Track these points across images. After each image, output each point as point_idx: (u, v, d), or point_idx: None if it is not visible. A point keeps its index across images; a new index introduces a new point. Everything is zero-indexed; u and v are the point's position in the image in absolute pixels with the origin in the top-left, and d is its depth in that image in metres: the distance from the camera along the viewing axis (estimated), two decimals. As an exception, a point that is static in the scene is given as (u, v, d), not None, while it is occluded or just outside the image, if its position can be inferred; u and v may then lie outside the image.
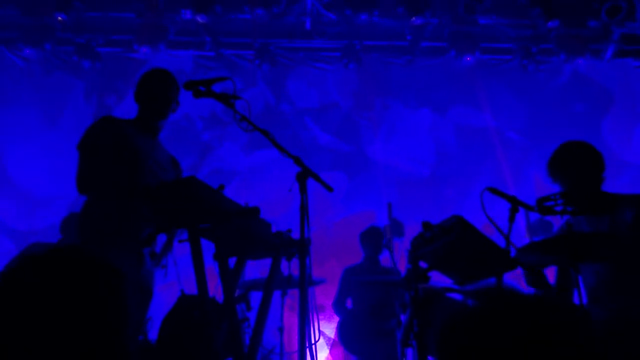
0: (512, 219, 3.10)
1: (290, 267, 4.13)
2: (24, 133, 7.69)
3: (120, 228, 3.33)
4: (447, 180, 7.93)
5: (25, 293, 1.33)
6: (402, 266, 5.77)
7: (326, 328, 7.14)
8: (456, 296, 3.76)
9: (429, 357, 3.04)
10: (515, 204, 3.14)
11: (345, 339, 6.01)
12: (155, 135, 3.71)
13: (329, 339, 7.22)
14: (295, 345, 3.34)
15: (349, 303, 6.23)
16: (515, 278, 5.23)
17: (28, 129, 7.71)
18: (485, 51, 7.60)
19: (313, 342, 3.26)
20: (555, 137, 3.78)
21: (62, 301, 1.33)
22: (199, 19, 6.94)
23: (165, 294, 6.08)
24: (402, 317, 4.10)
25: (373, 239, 6.15)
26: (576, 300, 3.10)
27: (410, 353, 3.35)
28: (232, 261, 3.60)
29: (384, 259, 6.15)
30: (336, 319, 7.17)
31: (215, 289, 3.41)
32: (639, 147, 8.02)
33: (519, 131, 8.14)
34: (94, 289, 1.38)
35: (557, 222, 4.14)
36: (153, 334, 4.04)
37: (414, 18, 6.96)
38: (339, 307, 6.22)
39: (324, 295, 6.88)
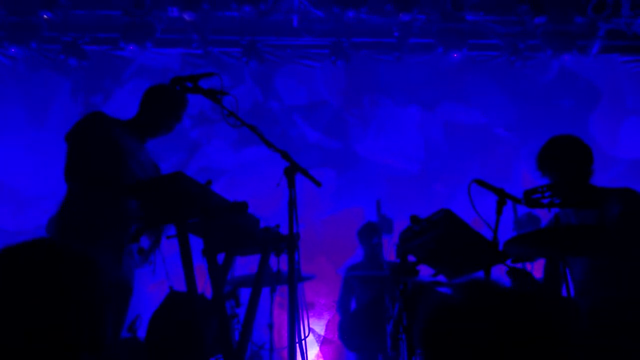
0: (499, 211, 3.11)
1: (279, 263, 4.13)
2: (11, 132, 7.63)
3: (100, 223, 3.32)
4: (436, 177, 7.94)
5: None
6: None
7: (316, 325, 7.14)
8: (444, 290, 3.77)
9: (417, 350, 3.05)
10: (502, 196, 3.15)
11: (345, 336, 6.02)
12: (143, 141, 3.72)
13: (319, 336, 7.22)
14: (285, 342, 3.34)
15: (352, 304, 6.24)
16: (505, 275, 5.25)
17: (14, 128, 7.65)
18: (473, 47, 7.62)
19: (303, 337, 3.26)
20: (544, 132, 3.79)
21: (34, 292, 1.32)
22: (186, 17, 6.91)
23: (155, 292, 6.06)
24: (391, 311, 4.11)
25: (369, 235, 6.16)
26: (564, 292, 3.11)
27: (402, 347, 3.36)
28: (221, 257, 3.59)
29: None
30: (326, 316, 7.18)
31: (204, 285, 3.40)
32: (626, 142, 8.06)
33: (507, 127, 8.16)
34: (66, 279, 1.37)
35: (545, 217, 4.16)
36: (142, 332, 4.03)
37: (401, 14, 6.97)
38: (342, 307, 6.23)
39: (314, 292, 6.89)
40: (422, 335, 1.40)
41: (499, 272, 4.60)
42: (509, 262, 3.27)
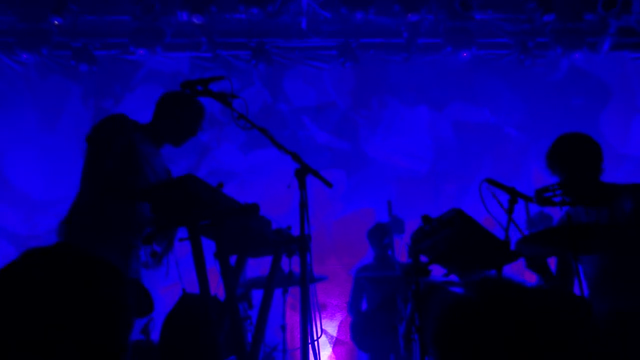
0: (511, 210, 3.11)
1: (290, 265, 4.15)
2: (22, 137, 7.69)
3: (111, 226, 3.34)
4: (446, 177, 7.92)
5: (27, 286, 1.33)
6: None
7: (328, 326, 7.15)
8: (456, 289, 3.76)
9: (430, 350, 3.04)
10: (514, 195, 3.14)
11: (357, 337, 6.03)
12: (159, 147, 3.76)
13: (331, 337, 7.22)
14: (297, 343, 3.34)
15: (363, 304, 6.26)
16: (518, 272, 5.24)
17: (26, 133, 7.71)
18: (482, 46, 7.60)
19: (315, 338, 3.26)
20: (554, 131, 3.77)
21: (65, 297, 1.33)
22: (195, 20, 6.93)
23: (167, 294, 6.09)
24: (404, 312, 4.10)
25: (379, 236, 6.17)
26: (577, 291, 3.10)
27: (415, 347, 3.36)
28: (233, 259, 3.61)
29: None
30: (338, 317, 7.18)
31: (216, 287, 3.41)
32: (637, 140, 8.02)
33: (517, 126, 8.13)
34: (99, 287, 1.38)
35: (557, 215, 4.14)
36: (155, 334, 4.05)
37: (409, 15, 6.95)
38: (353, 308, 6.24)
39: (326, 293, 6.89)
40: (433, 333, 1.40)
41: (511, 271, 4.59)
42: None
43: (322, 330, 3.36)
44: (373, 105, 8.26)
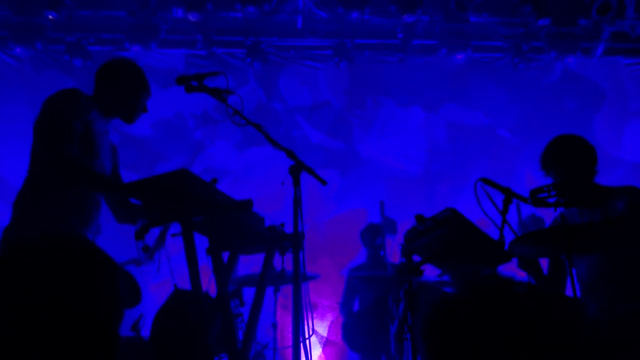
0: (505, 210, 3.11)
1: (283, 263, 4.13)
2: (16, 132, 7.63)
3: (70, 215, 3.08)
4: (440, 178, 7.94)
5: (15, 279, 1.32)
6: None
7: (319, 326, 7.14)
8: (448, 289, 3.77)
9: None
10: (508, 195, 3.14)
11: (348, 337, 6.03)
12: (108, 121, 3.44)
13: (322, 337, 7.22)
14: (288, 342, 3.33)
15: (355, 304, 6.26)
16: (512, 270, 5.25)
17: (20, 128, 7.63)
18: (477, 49, 7.62)
19: (307, 337, 3.25)
20: (547, 134, 3.78)
21: (54, 289, 1.32)
22: (191, 17, 6.91)
23: (159, 292, 6.07)
24: (395, 312, 4.10)
25: (372, 236, 6.18)
26: (570, 293, 3.10)
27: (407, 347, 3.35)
28: (225, 256, 3.59)
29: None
30: (329, 317, 7.18)
31: (208, 284, 3.40)
32: (630, 144, 8.06)
33: (510, 129, 8.16)
34: (91, 279, 1.37)
35: (549, 218, 4.15)
36: (146, 331, 4.03)
37: (405, 15, 6.96)
38: (345, 308, 6.25)
39: (317, 293, 6.89)
40: (422, 330, 1.40)
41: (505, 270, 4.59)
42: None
43: (313, 330, 3.35)
44: (368, 106, 8.27)
